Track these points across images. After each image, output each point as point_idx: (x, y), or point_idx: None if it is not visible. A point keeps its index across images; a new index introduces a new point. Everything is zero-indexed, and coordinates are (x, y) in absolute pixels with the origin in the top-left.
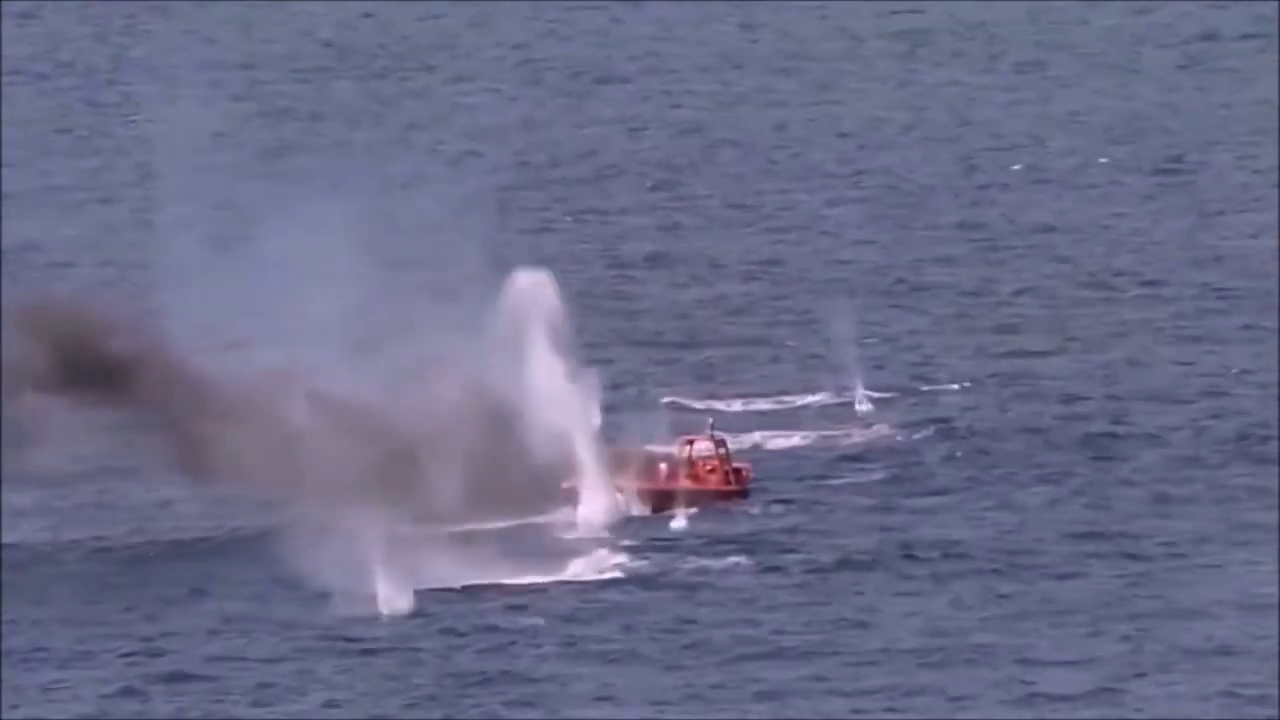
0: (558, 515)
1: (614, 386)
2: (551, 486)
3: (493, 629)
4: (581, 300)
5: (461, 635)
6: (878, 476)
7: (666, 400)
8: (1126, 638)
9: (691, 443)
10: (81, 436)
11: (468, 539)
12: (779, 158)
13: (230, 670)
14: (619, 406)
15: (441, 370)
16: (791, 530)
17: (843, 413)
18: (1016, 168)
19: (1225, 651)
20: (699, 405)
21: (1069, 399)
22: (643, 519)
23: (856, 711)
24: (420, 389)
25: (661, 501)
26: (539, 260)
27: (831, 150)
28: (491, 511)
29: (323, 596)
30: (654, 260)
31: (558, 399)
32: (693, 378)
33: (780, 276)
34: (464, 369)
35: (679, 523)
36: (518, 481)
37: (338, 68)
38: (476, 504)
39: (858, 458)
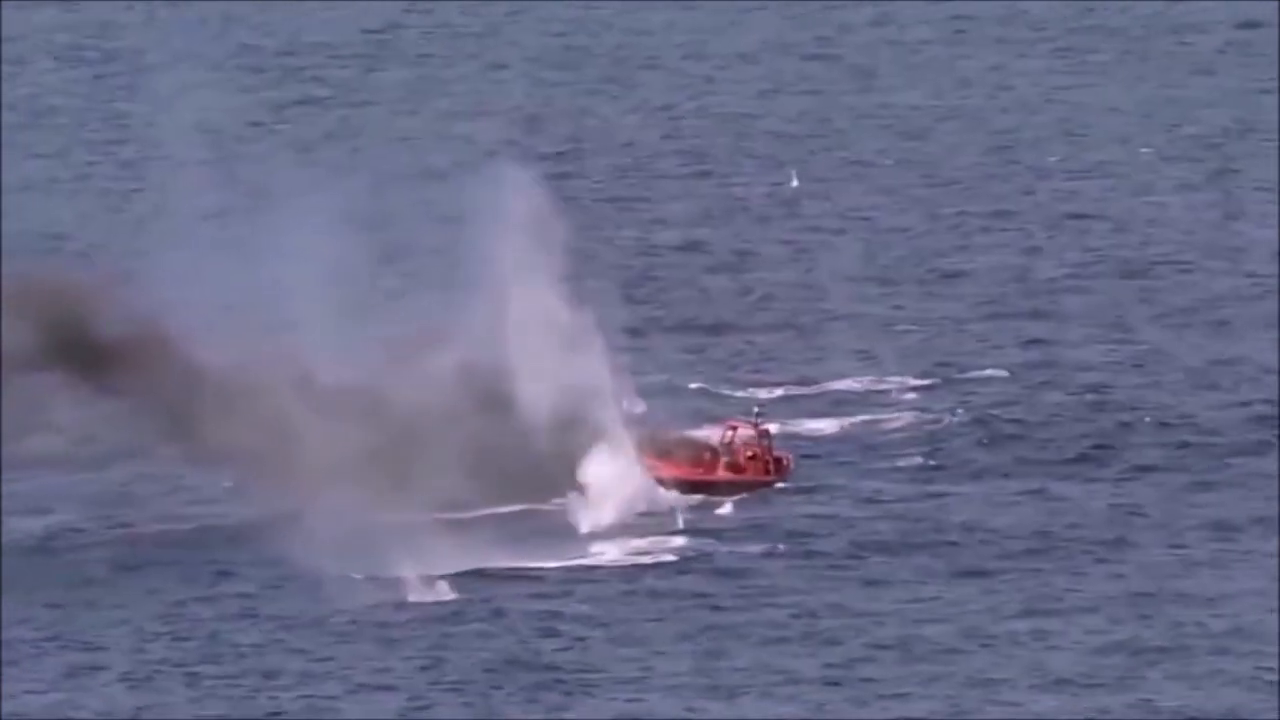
0: (586, 499)
1: (652, 372)
2: (564, 467)
3: (523, 614)
4: (619, 287)
5: (491, 620)
6: (914, 463)
7: (703, 386)
8: (1154, 621)
9: (735, 429)
10: (91, 421)
11: (492, 525)
12: (816, 147)
13: (256, 657)
14: (656, 392)
15: (436, 347)
16: (828, 516)
17: (880, 399)
18: (1054, 159)
19: (1255, 637)
20: (738, 392)
21: (1105, 386)
22: (681, 505)
23: (887, 696)
24: (416, 368)
25: (701, 489)
26: (577, 249)
27: (871, 139)
28: (504, 496)
29: (348, 583)
30: (691, 247)
31: (552, 339)
32: (730, 364)
33: (818, 263)
34: (458, 344)
35: (725, 509)
36: (527, 463)
37: (379, 55)
38: (487, 489)
39: (894, 444)
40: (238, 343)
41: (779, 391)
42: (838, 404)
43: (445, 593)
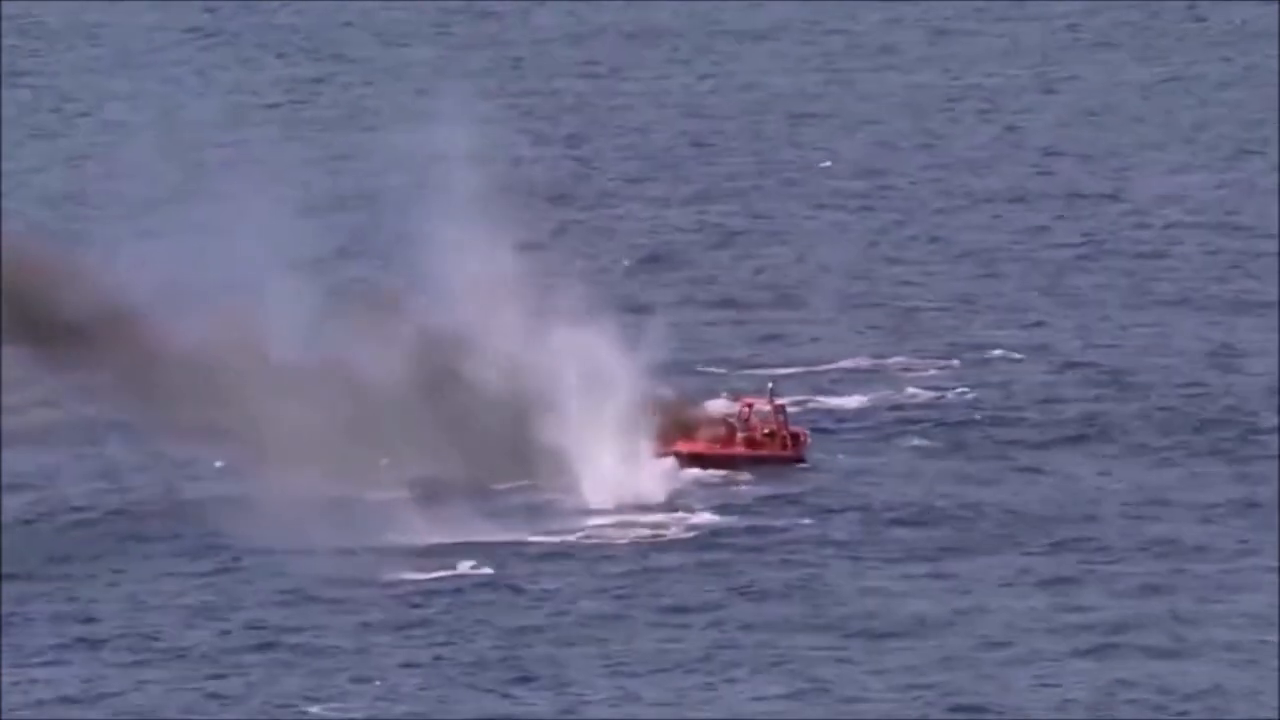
0: (590, 476)
1: (664, 348)
2: (564, 444)
3: (521, 591)
4: (634, 264)
5: (489, 596)
6: (927, 441)
7: (715, 364)
8: (1168, 599)
9: (750, 406)
10: (59, 397)
11: (493, 502)
12: (832, 126)
13: (254, 632)
14: (669, 369)
15: (396, 315)
16: (841, 493)
17: (894, 377)
18: (1069, 138)
19: (1264, 617)
20: (750, 370)
21: (1119, 366)
22: (691, 481)
23: (894, 670)
24: (395, 344)
25: (719, 464)
26: (593, 229)
27: (886, 117)
28: (506, 474)
29: (344, 558)
30: (702, 226)
31: (502, 297)
32: (742, 342)
33: (831, 242)
34: (415, 312)
35: (739, 485)
36: (530, 440)
37: (397, 33)
38: (489, 466)
39: (908, 422)
40: (208, 321)
41: (792, 369)
42: (851, 382)
43: (445, 569)
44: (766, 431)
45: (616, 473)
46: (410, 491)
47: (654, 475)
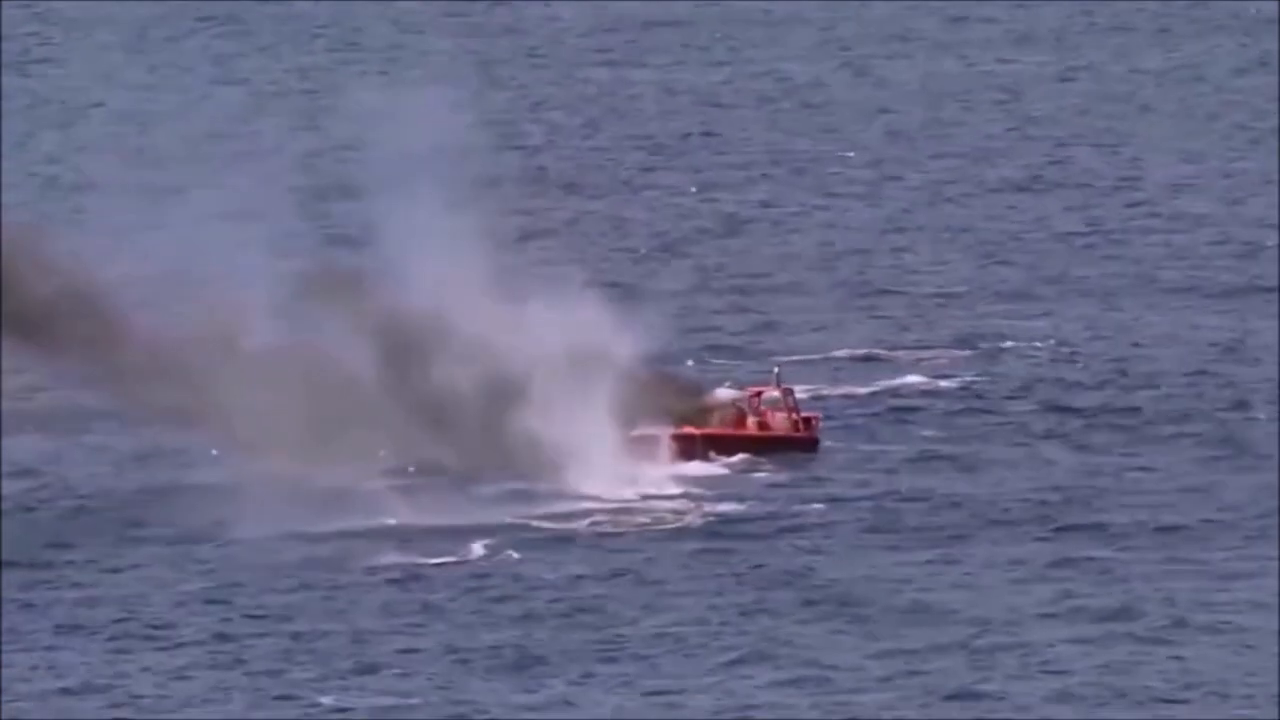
0: (581, 463)
1: (672, 335)
2: (553, 432)
3: (522, 578)
4: (643, 252)
5: (478, 584)
6: (934, 431)
7: (731, 351)
8: (1177, 591)
9: (759, 394)
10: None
11: (477, 488)
12: (847, 114)
13: (251, 619)
14: (677, 355)
15: (393, 306)
16: (850, 480)
17: (903, 366)
18: (1082, 128)
19: (1267, 608)
20: (760, 358)
21: (1132, 356)
22: (700, 467)
23: (895, 653)
24: (376, 331)
25: (733, 447)
26: (607, 218)
27: (900, 106)
28: (494, 461)
29: (346, 546)
30: (714, 213)
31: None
32: (760, 330)
33: (842, 230)
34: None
35: (734, 471)
36: (515, 428)
37: (415, 24)
38: (477, 451)
39: (916, 410)
40: (200, 309)
41: (801, 357)
42: (860, 370)
43: (444, 555)
44: (777, 416)
45: (621, 458)
46: (409, 479)
47: (660, 460)
